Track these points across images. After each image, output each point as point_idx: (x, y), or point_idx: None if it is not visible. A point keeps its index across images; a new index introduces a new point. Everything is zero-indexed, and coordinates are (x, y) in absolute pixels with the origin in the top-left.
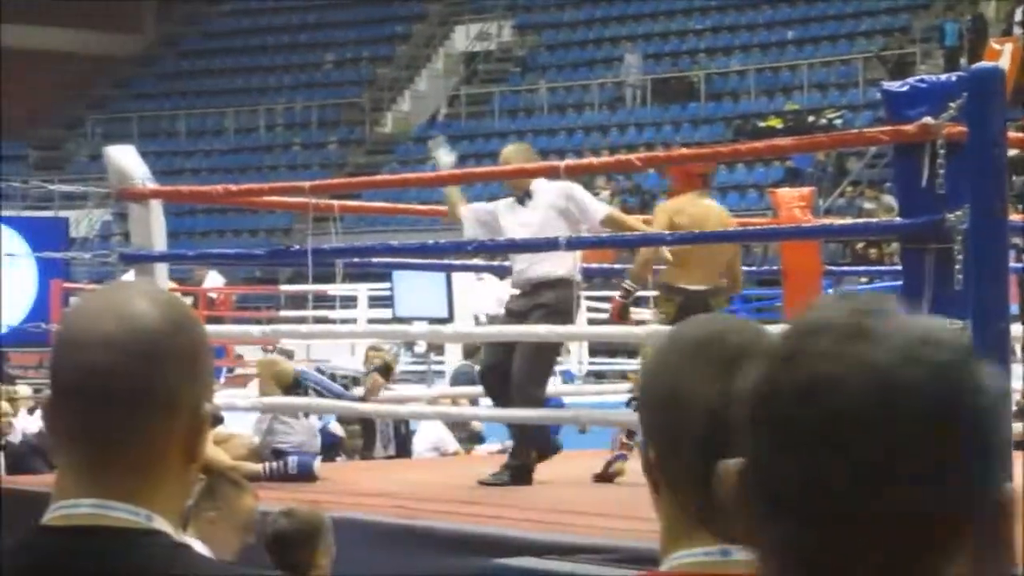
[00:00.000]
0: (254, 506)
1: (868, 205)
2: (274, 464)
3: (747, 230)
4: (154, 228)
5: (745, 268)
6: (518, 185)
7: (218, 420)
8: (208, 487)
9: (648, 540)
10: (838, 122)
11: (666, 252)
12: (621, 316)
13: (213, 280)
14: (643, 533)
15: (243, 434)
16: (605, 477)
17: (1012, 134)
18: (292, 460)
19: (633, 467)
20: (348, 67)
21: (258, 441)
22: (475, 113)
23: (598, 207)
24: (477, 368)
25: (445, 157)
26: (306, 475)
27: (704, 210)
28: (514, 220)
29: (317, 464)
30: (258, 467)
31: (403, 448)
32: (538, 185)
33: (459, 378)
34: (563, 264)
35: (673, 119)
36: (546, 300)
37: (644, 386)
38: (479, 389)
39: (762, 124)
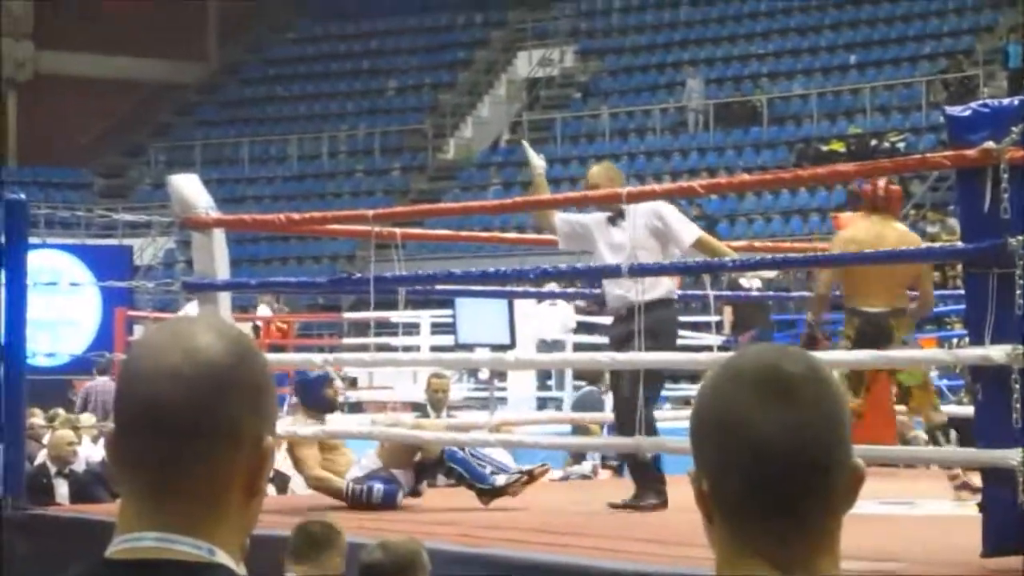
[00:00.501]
0: (341, 563)
1: (931, 228)
2: (357, 488)
3: (809, 256)
4: (217, 256)
5: (808, 293)
6: (610, 205)
7: None
8: (306, 540)
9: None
10: (901, 145)
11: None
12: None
13: (262, 312)
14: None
15: (349, 450)
16: None
17: None
18: (377, 488)
19: None
20: (410, 93)
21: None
22: (537, 139)
23: (689, 230)
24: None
25: (536, 160)
26: (390, 504)
27: (877, 234)
28: (606, 239)
29: (400, 495)
30: (342, 483)
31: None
32: (629, 204)
33: (584, 404)
34: (660, 285)
35: (735, 143)
36: (645, 324)
37: (696, 415)
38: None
39: (825, 148)
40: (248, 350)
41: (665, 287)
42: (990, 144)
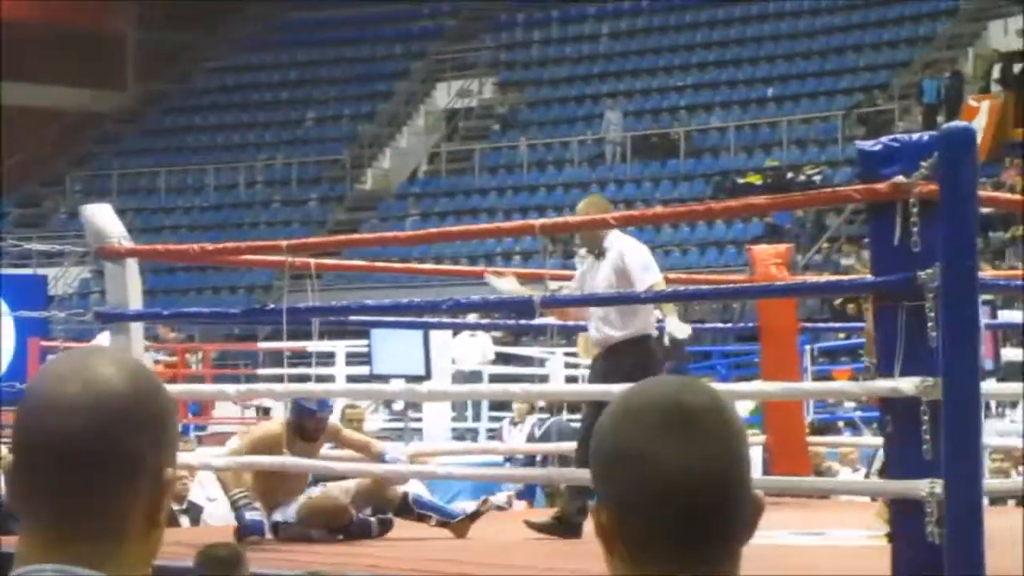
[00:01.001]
0: None
1: (846, 261)
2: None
3: (723, 288)
4: (130, 287)
5: (721, 325)
6: (590, 241)
7: None
8: (213, 564)
9: None
10: (817, 178)
11: None
12: None
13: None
14: None
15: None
16: None
17: (988, 192)
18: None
19: None
20: (329, 124)
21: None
22: (456, 170)
23: (645, 276)
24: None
25: (507, 286)
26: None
27: None
28: (590, 277)
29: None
30: (346, 503)
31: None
32: (610, 241)
33: (552, 434)
34: (635, 323)
35: (653, 176)
36: (626, 364)
37: (597, 449)
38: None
39: (742, 180)
40: (148, 381)
41: (641, 324)
42: (900, 178)
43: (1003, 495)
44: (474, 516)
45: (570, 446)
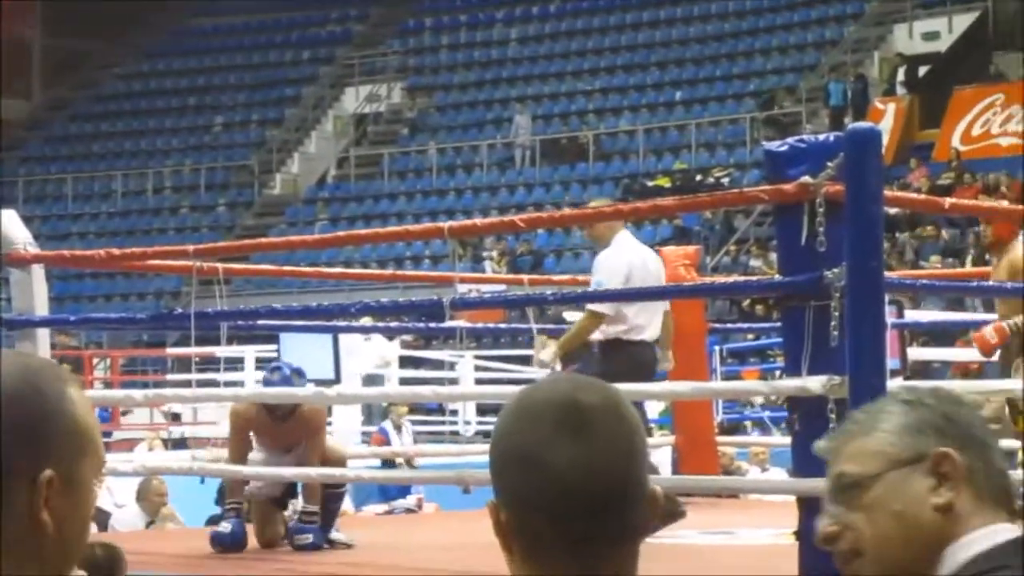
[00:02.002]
0: None
1: (754, 262)
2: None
3: (631, 289)
4: (36, 293)
5: None
6: (595, 240)
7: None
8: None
9: None
10: (725, 181)
11: None
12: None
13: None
14: None
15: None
16: None
17: (893, 193)
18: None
19: None
20: (237, 129)
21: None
22: (365, 175)
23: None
24: None
25: (546, 357)
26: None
27: None
28: None
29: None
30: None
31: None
32: (614, 242)
33: None
34: (617, 325)
35: (562, 179)
36: (610, 366)
37: (494, 448)
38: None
39: (651, 183)
40: (26, 384)
41: (623, 326)
42: (807, 179)
43: None
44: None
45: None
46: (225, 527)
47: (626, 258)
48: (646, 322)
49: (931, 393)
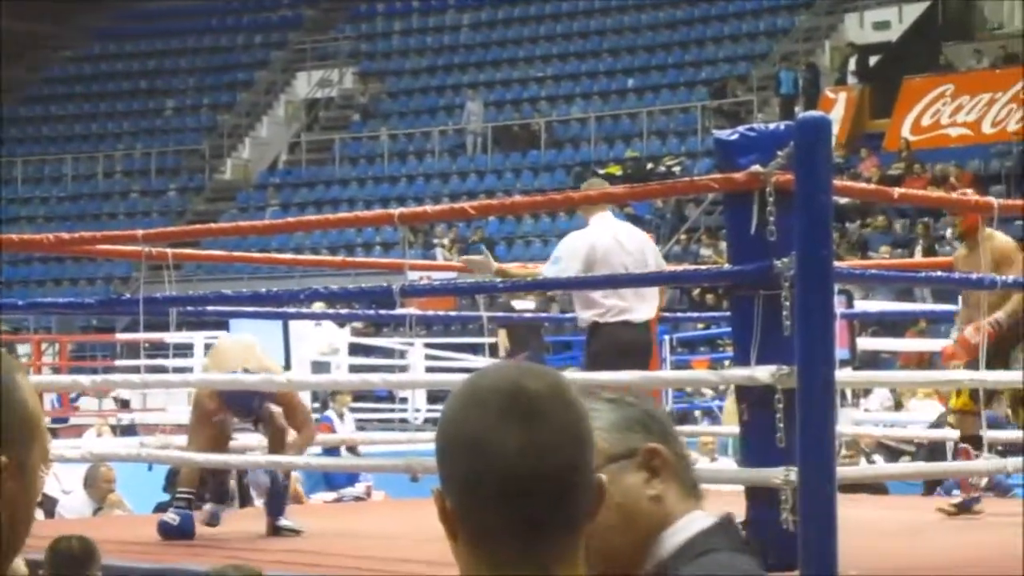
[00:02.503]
0: None
1: (705, 251)
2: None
3: (576, 278)
4: None
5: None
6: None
7: None
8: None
9: None
10: (677, 169)
11: None
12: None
13: None
14: None
15: None
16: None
17: (843, 182)
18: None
19: None
20: (188, 114)
21: None
22: (316, 160)
23: (547, 268)
24: None
25: (484, 264)
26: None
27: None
28: None
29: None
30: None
31: (246, 499)
32: (590, 222)
33: None
34: (594, 308)
35: (514, 166)
36: (592, 348)
37: (441, 435)
38: None
39: (602, 171)
40: None
41: (599, 309)
42: (757, 168)
43: (856, 483)
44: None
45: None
46: (173, 518)
47: (590, 240)
48: (629, 303)
49: (623, 395)
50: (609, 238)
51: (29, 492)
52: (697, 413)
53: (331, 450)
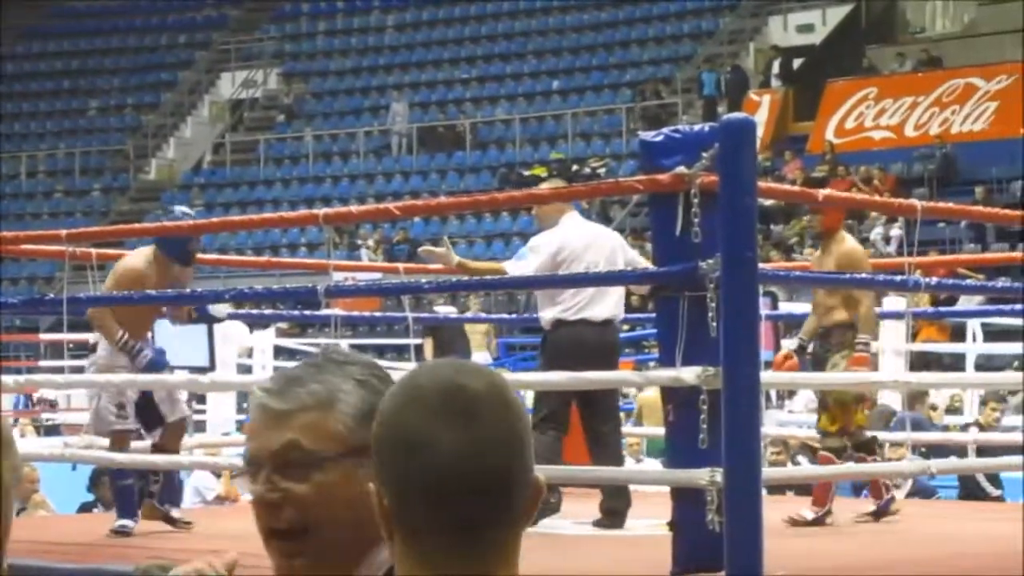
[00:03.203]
0: None
1: None
2: (131, 343)
3: (501, 279)
4: None
5: (507, 316)
6: (544, 222)
7: None
8: None
9: None
10: (602, 171)
11: None
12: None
13: None
14: None
15: None
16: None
17: (769, 184)
18: (145, 354)
19: None
20: (112, 114)
21: None
22: (240, 160)
23: (514, 264)
24: None
25: (444, 257)
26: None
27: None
28: None
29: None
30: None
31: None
32: (559, 224)
33: None
34: (551, 308)
35: (439, 167)
36: (547, 349)
37: (377, 433)
38: None
39: (527, 173)
40: None
41: (557, 309)
42: (681, 169)
43: (781, 484)
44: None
45: None
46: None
47: (559, 238)
48: (590, 300)
49: (374, 372)
50: (577, 239)
51: (6, 506)
52: (621, 414)
53: None
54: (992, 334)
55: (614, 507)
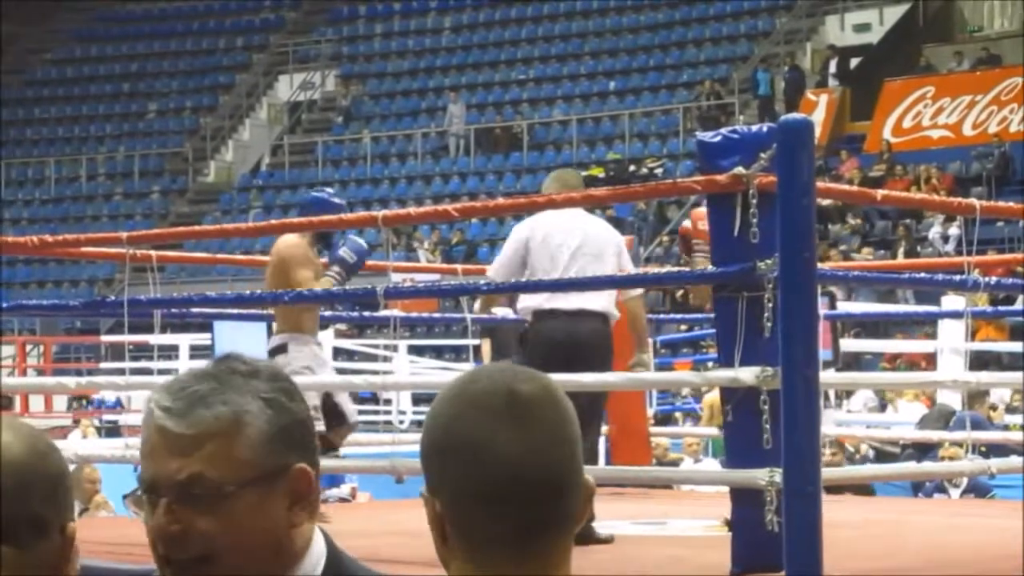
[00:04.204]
0: None
1: None
2: None
3: (563, 280)
4: None
5: None
6: None
7: None
8: None
9: None
10: (659, 171)
11: None
12: None
13: None
14: None
15: None
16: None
17: (827, 184)
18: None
19: None
20: (171, 116)
21: None
22: (298, 163)
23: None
24: None
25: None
26: None
27: None
28: None
29: None
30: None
31: None
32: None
33: None
34: (526, 298)
35: (496, 169)
36: (525, 339)
37: (428, 437)
38: None
39: (584, 173)
40: (46, 446)
41: (531, 301)
42: (739, 169)
43: (840, 484)
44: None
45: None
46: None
47: (529, 226)
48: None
49: (281, 385)
50: (550, 225)
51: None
52: (678, 415)
53: None
54: None
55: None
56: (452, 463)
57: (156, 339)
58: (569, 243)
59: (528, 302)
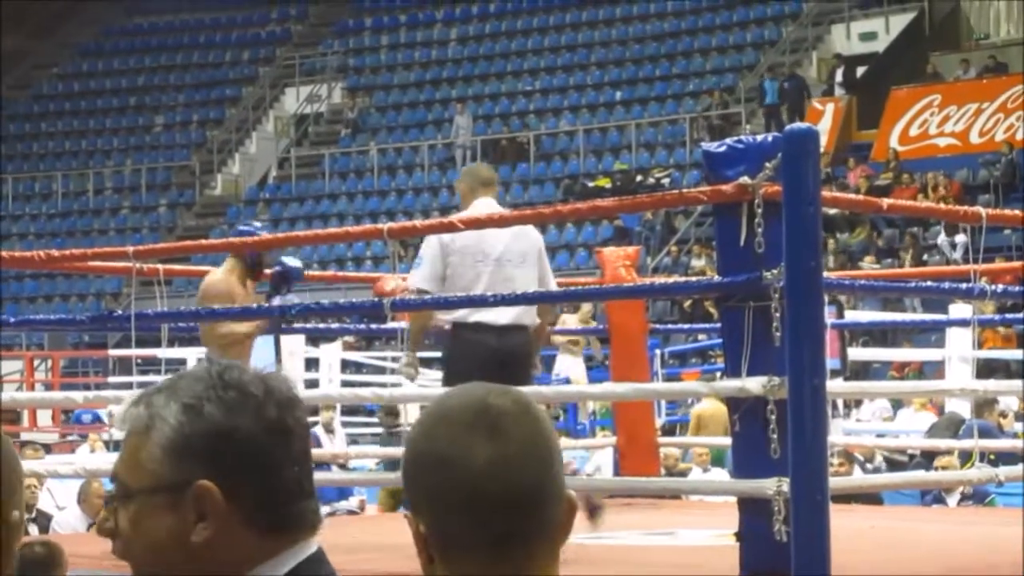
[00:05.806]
0: None
1: (696, 262)
2: None
3: (573, 290)
4: None
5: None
6: (463, 206)
7: None
8: (29, 564)
9: None
10: (666, 181)
11: None
12: None
13: None
14: None
15: None
16: None
17: (831, 193)
18: None
19: None
20: (177, 130)
21: None
22: (305, 175)
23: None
24: None
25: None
26: None
27: None
28: None
29: None
30: None
31: None
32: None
33: None
34: (442, 314)
35: (503, 180)
36: (446, 354)
37: (408, 456)
38: None
39: (591, 184)
40: None
41: (450, 313)
42: (745, 179)
43: (848, 493)
44: None
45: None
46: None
47: (435, 240)
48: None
49: (219, 393)
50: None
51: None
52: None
53: (321, 465)
54: None
55: (597, 503)
56: (428, 478)
57: (164, 353)
58: (489, 252)
59: (446, 314)
